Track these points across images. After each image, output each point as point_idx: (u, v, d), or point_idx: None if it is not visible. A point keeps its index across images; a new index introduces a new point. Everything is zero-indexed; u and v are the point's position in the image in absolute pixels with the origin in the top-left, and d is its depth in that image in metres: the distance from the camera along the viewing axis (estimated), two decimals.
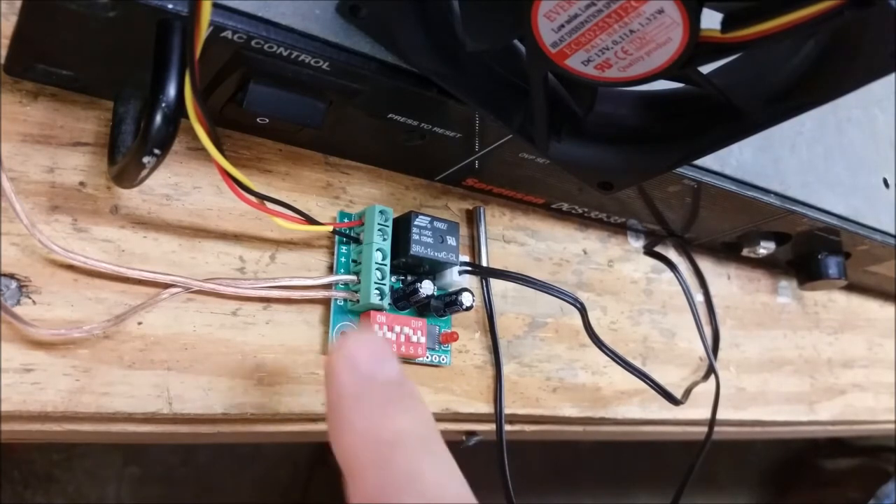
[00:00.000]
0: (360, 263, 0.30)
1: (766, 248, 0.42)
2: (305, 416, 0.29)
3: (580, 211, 0.39)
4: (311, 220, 0.28)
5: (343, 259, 0.31)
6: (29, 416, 0.24)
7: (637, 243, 0.43)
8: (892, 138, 0.44)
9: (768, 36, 0.20)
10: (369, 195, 0.33)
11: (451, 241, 0.31)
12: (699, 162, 0.33)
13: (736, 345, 0.46)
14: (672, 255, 0.43)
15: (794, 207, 0.37)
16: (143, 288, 0.26)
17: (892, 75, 0.22)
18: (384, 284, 0.30)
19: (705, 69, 0.23)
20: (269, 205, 0.26)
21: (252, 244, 0.29)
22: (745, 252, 0.44)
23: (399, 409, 0.19)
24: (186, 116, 0.21)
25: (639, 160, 0.28)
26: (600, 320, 0.40)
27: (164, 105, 0.21)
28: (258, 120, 0.26)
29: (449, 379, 0.33)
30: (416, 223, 0.31)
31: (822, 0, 0.18)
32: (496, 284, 0.36)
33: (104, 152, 0.26)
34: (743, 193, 0.35)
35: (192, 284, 0.27)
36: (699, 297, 0.44)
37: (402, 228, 0.31)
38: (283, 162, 0.31)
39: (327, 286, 0.30)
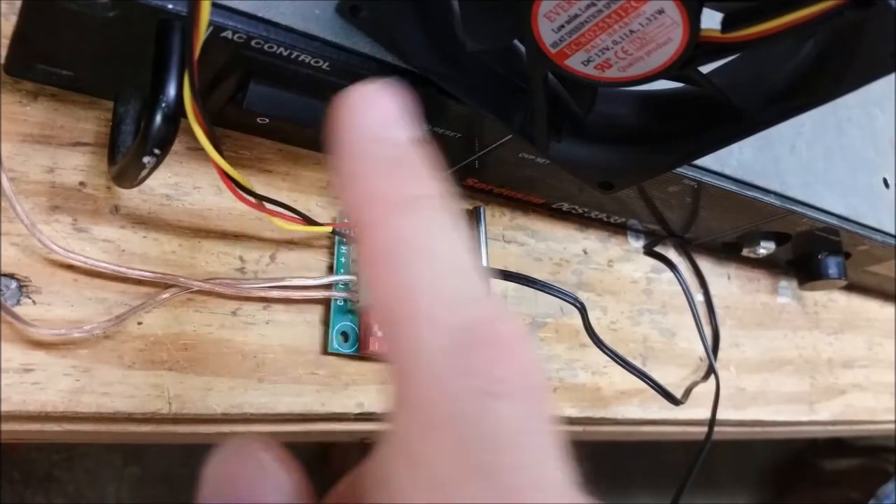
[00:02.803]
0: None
1: (766, 248, 0.42)
2: (305, 416, 0.29)
3: (580, 211, 0.39)
4: (310, 221, 0.28)
5: (343, 259, 0.31)
6: (29, 416, 0.24)
7: (637, 243, 0.43)
8: (892, 138, 0.44)
9: (768, 36, 0.20)
10: None
11: None
12: (699, 162, 0.33)
13: (736, 345, 0.46)
14: (672, 255, 0.43)
15: (794, 207, 0.37)
16: (143, 288, 0.26)
17: (892, 75, 0.22)
18: None
19: (705, 69, 0.23)
20: (269, 205, 0.26)
21: (252, 244, 0.29)
22: (745, 252, 0.44)
23: (412, 174, 0.17)
24: (186, 116, 0.21)
25: (639, 160, 0.28)
26: (600, 320, 0.40)
27: (164, 105, 0.21)
28: (258, 120, 0.26)
29: None
30: None
31: (822, 0, 0.18)
32: (496, 284, 0.36)
33: (104, 152, 0.26)
34: (743, 193, 0.35)
35: (192, 284, 0.27)
36: (699, 297, 0.44)
37: None
38: (283, 162, 0.31)
39: (327, 286, 0.30)
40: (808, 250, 0.44)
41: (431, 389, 0.14)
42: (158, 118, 0.21)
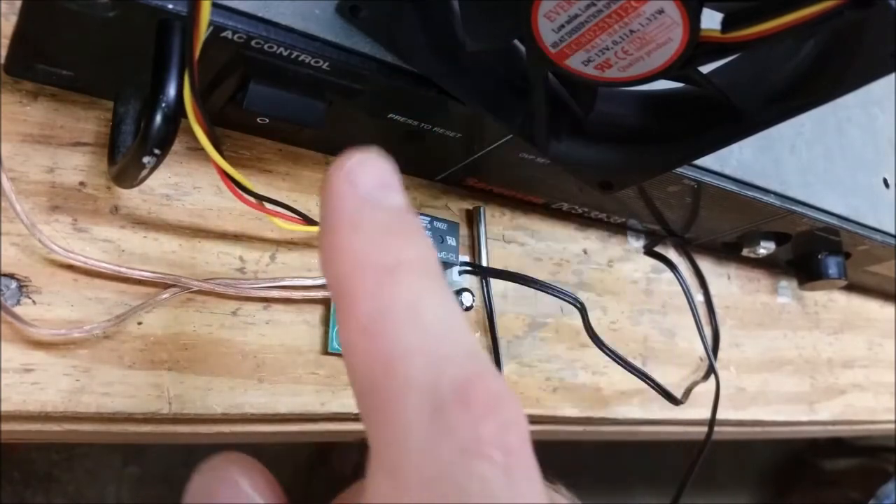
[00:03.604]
0: None
1: (766, 248, 0.42)
2: (305, 416, 0.29)
3: (580, 211, 0.39)
4: (310, 221, 0.28)
5: None
6: (29, 416, 0.24)
7: (637, 243, 0.43)
8: (892, 138, 0.44)
9: (768, 36, 0.20)
10: None
11: (451, 241, 0.31)
12: (699, 162, 0.33)
13: (736, 345, 0.46)
14: (672, 255, 0.43)
15: (794, 207, 0.37)
16: (143, 288, 0.26)
17: (892, 75, 0.22)
18: None
19: (705, 69, 0.23)
20: (269, 205, 0.26)
21: (252, 244, 0.29)
22: (745, 252, 0.44)
23: (402, 239, 0.17)
24: (186, 117, 0.21)
25: (639, 160, 0.28)
26: (600, 320, 0.40)
27: (164, 105, 0.21)
28: (258, 120, 0.26)
29: None
30: None
31: (822, 0, 0.18)
32: (496, 284, 0.36)
33: (104, 152, 0.26)
34: (743, 193, 0.35)
35: (192, 284, 0.27)
36: (699, 297, 0.44)
37: None
38: (283, 162, 0.31)
39: (327, 286, 0.30)
40: (808, 250, 0.44)
41: (413, 452, 0.14)
42: (158, 118, 0.21)
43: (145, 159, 0.22)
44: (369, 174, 0.17)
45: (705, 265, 0.45)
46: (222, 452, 0.18)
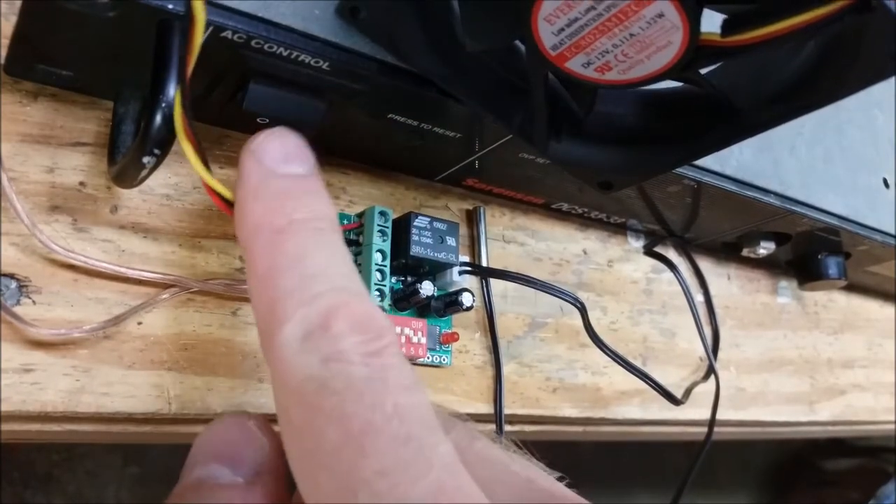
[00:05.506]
0: (360, 264, 0.30)
1: (766, 248, 0.42)
2: None
3: (580, 211, 0.39)
4: None
5: None
6: (29, 416, 0.24)
7: (637, 243, 0.43)
8: (892, 139, 0.44)
9: (768, 40, 0.20)
10: (369, 195, 0.33)
11: (450, 241, 0.31)
12: (699, 162, 0.33)
13: (736, 345, 0.46)
14: (672, 255, 0.43)
15: (794, 207, 0.37)
16: (143, 288, 0.26)
17: (892, 78, 0.22)
18: (384, 285, 0.30)
19: (705, 70, 0.23)
20: None
21: None
22: (745, 252, 0.44)
23: (295, 202, 0.19)
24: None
25: (639, 160, 0.28)
26: (600, 320, 0.40)
27: (163, 105, 0.21)
28: (258, 120, 0.26)
29: (449, 379, 0.33)
30: (415, 224, 0.31)
31: (822, 5, 0.18)
32: (496, 284, 0.36)
33: (104, 152, 0.26)
34: (743, 194, 0.35)
35: (192, 284, 0.27)
36: (699, 298, 0.44)
37: (401, 229, 0.31)
38: None
39: None
40: (808, 250, 0.44)
41: (290, 368, 0.17)
42: (158, 118, 0.21)
43: (145, 159, 0.22)
44: (272, 148, 0.20)
45: (705, 265, 0.45)
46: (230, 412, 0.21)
